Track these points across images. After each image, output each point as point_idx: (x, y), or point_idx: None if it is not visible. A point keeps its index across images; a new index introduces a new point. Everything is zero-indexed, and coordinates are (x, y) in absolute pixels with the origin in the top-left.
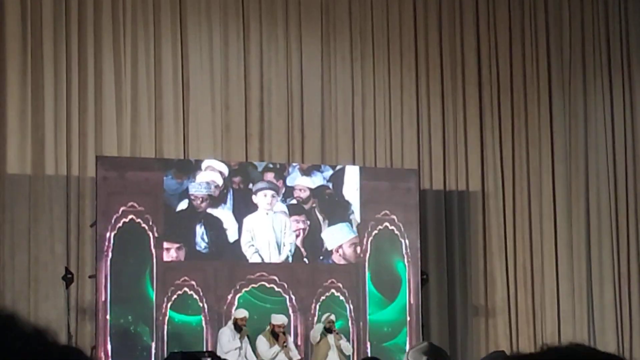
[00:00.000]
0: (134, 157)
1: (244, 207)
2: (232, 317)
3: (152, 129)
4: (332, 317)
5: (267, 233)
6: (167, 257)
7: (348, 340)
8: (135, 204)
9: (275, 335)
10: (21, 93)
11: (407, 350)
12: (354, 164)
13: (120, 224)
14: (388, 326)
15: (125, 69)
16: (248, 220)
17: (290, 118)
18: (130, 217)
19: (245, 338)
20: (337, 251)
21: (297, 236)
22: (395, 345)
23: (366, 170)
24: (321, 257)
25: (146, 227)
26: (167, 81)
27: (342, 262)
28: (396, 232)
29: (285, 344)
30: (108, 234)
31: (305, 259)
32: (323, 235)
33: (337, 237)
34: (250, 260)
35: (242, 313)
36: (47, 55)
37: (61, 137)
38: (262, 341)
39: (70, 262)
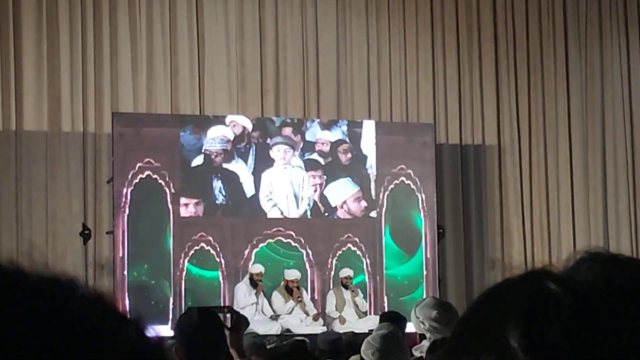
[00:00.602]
0: (150, 113)
1: (262, 162)
2: (248, 273)
3: (167, 85)
4: (350, 272)
5: (285, 187)
6: (185, 212)
7: (365, 295)
8: (152, 160)
9: (290, 290)
10: (37, 50)
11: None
12: (369, 118)
13: (136, 180)
14: (405, 280)
15: (141, 24)
16: (266, 174)
17: (306, 73)
18: (146, 173)
19: (261, 293)
20: (342, 207)
21: (315, 191)
22: (412, 299)
23: (382, 125)
24: (327, 214)
25: (163, 183)
26: (183, 37)
27: (348, 217)
28: (412, 186)
29: (299, 299)
30: (125, 190)
31: (325, 214)
32: (326, 192)
33: (341, 193)
34: (269, 215)
35: (258, 268)
36: (62, 11)
37: (77, 93)
38: (277, 297)
39: (88, 219)
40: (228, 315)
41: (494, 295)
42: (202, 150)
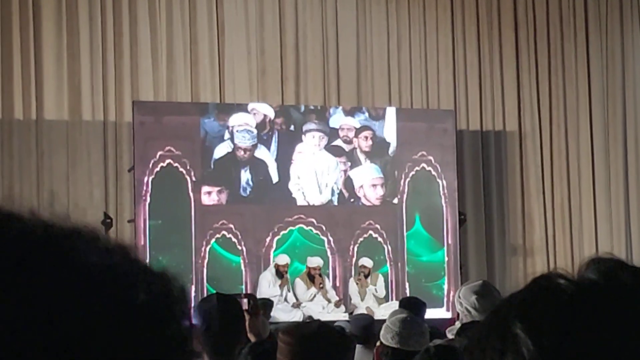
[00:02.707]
0: (171, 101)
1: (285, 149)
2: (274, 263)
3: (187, 74)
4: (366, 262)
5: (312, 174)
6: (206, 200)
7: (386, 281)
8: (173, 149)
9: (311, 277)
10: (57, 39)
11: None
12: (390, 105)
13: (157, 169)
14: (427, 267)
15: (160, 13)
16: (292, 161)
17: (326, 61)
18: (167, 161)
19: (286, 286)
20: (358, 191)
21: (340, 177)
22: (434, 285)
23: (402, 112)
24: (352, 200)
25: (184, 172)
26: (202, 26)
27: (368, 203)
28: (433, 173)
29: (321, 286)
30: (146, 179)
31: (350, 200)
32: (351, 175)
33: (362, 177)
34: (296, 202)
35: (284, 260)
36: (82, 1)
37: (97, 82)
38: (299, 284)
39: (109, 207)
40: (245, 300)
41: (505, 298)
42: (225, 138)
